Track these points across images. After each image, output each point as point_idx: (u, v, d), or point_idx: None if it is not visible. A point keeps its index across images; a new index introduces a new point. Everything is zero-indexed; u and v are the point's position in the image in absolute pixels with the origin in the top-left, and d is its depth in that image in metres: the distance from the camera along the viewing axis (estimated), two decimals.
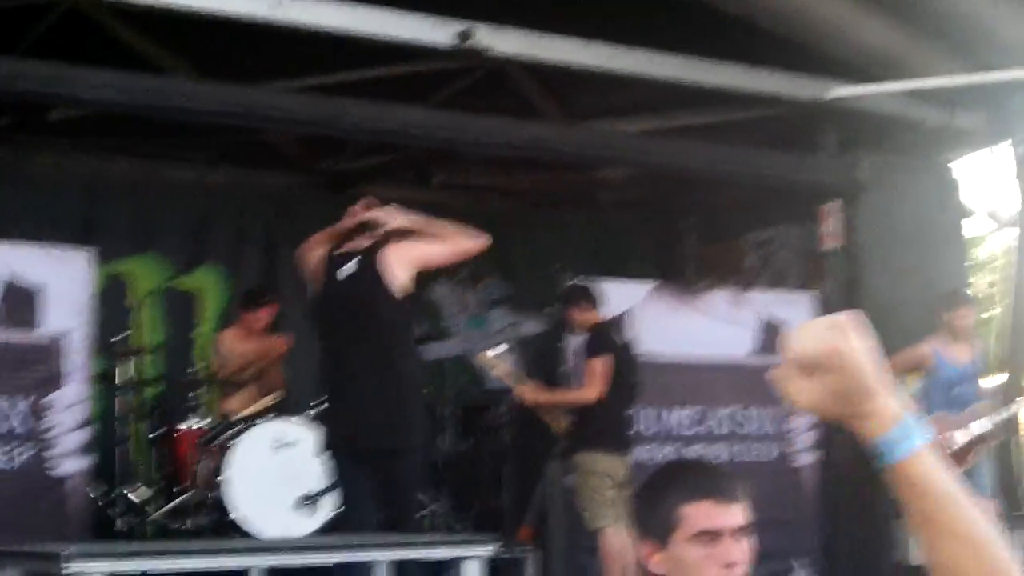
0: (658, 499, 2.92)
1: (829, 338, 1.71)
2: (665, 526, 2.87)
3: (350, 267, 6.68)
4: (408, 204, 12.02)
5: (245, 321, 10.12)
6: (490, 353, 9.15)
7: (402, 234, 6.77)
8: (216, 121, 9.83)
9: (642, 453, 9.49)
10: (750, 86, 10.13)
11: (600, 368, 8.70)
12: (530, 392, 9.07)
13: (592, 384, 8.72)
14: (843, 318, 1.72)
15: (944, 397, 9.38)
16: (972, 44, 10.35)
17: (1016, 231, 11.41)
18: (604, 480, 8.57)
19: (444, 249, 6.83)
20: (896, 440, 1.71)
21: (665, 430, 10.17)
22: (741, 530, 2.85)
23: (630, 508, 3.04)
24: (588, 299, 9.03)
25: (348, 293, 6.66)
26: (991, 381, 10.60)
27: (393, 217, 6.81)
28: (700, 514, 2.85)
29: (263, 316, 10.11)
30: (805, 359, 1.71)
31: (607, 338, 8.96)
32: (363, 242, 6.77)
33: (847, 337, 1.71)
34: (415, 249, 6.71)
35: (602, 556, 8.47)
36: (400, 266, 6.67)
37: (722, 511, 2.85)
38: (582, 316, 8.96)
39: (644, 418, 9.96)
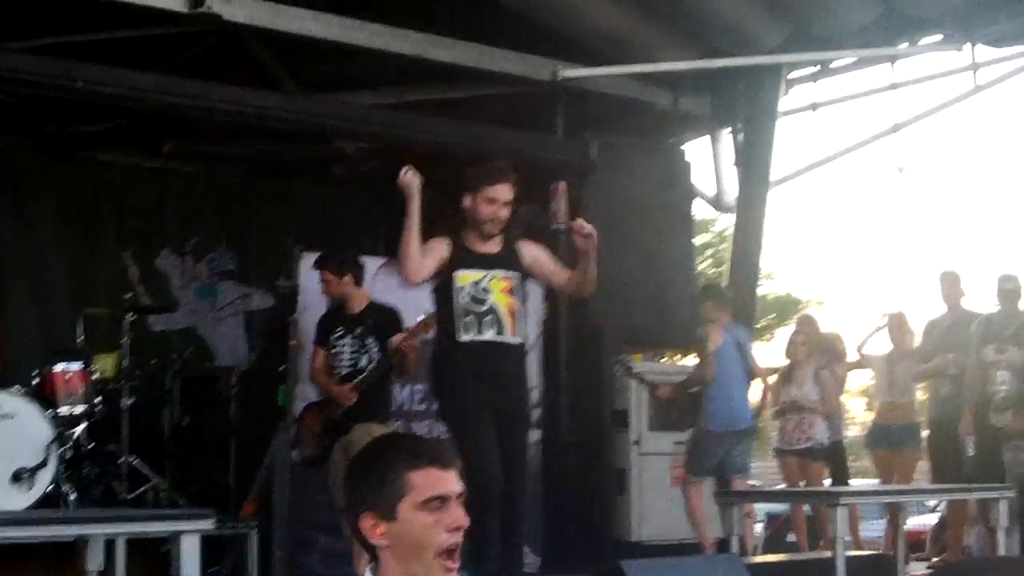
0: (381, 469, 2.91)
1: None
2: (391, 496, 2.87)
3: None
4: (138, 171, 11.93)
5: None
6: None
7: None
8: None
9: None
10: (483, 64, 10.20)
11: None
12: None
13: None
14: None
15: None
16: (700, 29, 10.63)
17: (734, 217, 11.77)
18: None
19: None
20: None
21: (395, 406, 10.13)
22: (461, 495, 2.91)
23: (346, 482, 3.02)
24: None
25: None
26: None
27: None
28: (428, 480, 2.88)
29: None
30: None
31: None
32: None
33: None
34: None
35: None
36: None
37: (447, 477, 2.90)
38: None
39: None
